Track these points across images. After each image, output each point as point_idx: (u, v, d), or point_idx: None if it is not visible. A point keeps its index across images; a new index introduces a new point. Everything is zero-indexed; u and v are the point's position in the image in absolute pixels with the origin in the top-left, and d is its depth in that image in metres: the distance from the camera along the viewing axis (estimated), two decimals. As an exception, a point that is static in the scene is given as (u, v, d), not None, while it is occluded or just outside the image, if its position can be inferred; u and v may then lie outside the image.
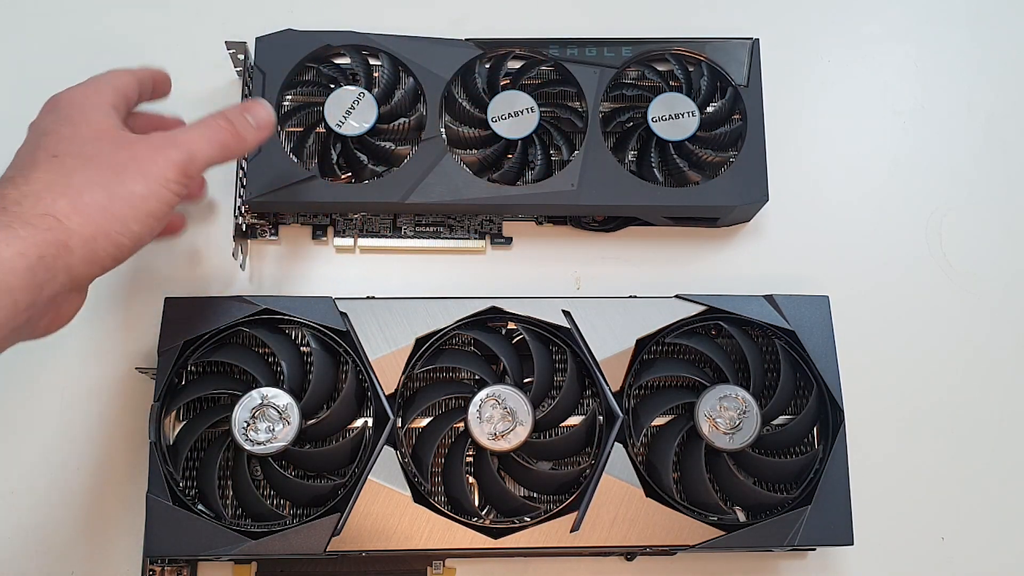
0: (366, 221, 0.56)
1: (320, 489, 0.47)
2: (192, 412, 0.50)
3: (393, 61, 0.54)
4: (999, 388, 0.56)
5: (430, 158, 0.53)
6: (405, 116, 0.54)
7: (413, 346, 0.48)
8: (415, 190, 0.52)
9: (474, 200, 0.53)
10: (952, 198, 0.59)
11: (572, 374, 0.49)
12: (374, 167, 0.53)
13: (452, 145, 0.54)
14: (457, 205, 0.53)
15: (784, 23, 0.62)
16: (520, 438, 0.47)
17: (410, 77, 0.55)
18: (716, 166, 0.54)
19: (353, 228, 0.56)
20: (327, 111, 0.52)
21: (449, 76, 0.54)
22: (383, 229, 0.56)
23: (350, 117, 0.52)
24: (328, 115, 0.52)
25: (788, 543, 0.47)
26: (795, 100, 0.60)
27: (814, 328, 0.50)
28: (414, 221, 0.56)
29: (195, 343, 0.48)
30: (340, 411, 0.48)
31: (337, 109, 0.52)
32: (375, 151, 0.53)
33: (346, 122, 0.52)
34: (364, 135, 0.52)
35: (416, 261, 0.56)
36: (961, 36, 0.63)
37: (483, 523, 0.47)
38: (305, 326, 0.49)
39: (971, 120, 0.61)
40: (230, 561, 0.50)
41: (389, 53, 0.54)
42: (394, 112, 0.54)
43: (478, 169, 0.54)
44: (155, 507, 0.46)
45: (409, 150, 0.53)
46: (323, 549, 0.45)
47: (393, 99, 0.54)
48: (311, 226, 0.56)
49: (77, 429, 0.52)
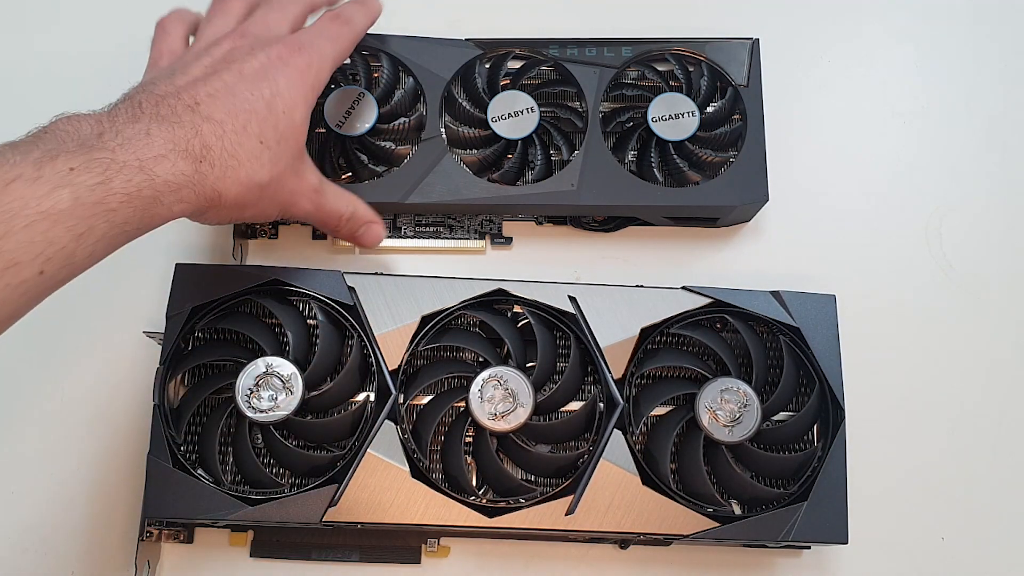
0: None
1: (319, 460, 0.48)
2: (197, 378, 0.50)
3: (393, 61, 0.55)
4: (999, 388, 0.56)
5: (430, 158, 0.53)
6: (405, 116, 0.54)
7: (419, 324, 0.49)
8: (415, 190, 0.53)
9: (474, 200, 0.53)
10: (952, 198, 0.59)
11: (575, 359, 0.49)
12: (374, 167, 0.54)
13: (452, 145, 0.54)
14: (457, 205, 0.53)
15: (784, 23, 0.62)
16: (520, 420, 0.47)
17: (410, 77, 0.55)
18: (716, 166, 0.55)
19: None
20: (327, 111, 0.53)
21: (449, 76, 0.54)
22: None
23: (350, 117, 0.53)
24: (328, 115, 0.53)
25: (782, 539, 0.47)
26: (795, 100, 0.60)
27: (819, 326, 0.50)
28: (414, 221, 0.56)
29: (203, 310, 0.49)
30: (343, 384, 0.48)
31: (337, 109, 0.53)
32: (375, 151, 0.54)
33: (346, 122, 0.53)
34: (364, 135, 0.53)
35: (416, 261, 0.57)
36: (961, 36, 0.63)
37: (479, 502, 0.47)
38: (313, 298, 0.49)
39: (971, 120, 0.61)
40: (227, 528, 0.51)
41: (389, 53, 0.54)
42: (394, 112, 0.54)
43: (478, 169, 0.54)
44: (155, 469, 0.46)
45: (409, 150, 0.54)
46: (319, 519, 0.46)
47: (393, 99, 0.54)
48: (311, 226, 0.57)
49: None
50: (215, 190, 0.39)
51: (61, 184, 0.33)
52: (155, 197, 0.36)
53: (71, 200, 0.33)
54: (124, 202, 0.34)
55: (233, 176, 0.39)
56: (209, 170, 0.38)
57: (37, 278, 0.32)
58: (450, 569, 0.51)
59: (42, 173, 0.32)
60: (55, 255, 0.33)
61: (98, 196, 0.33)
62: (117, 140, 0.35)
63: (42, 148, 0.34)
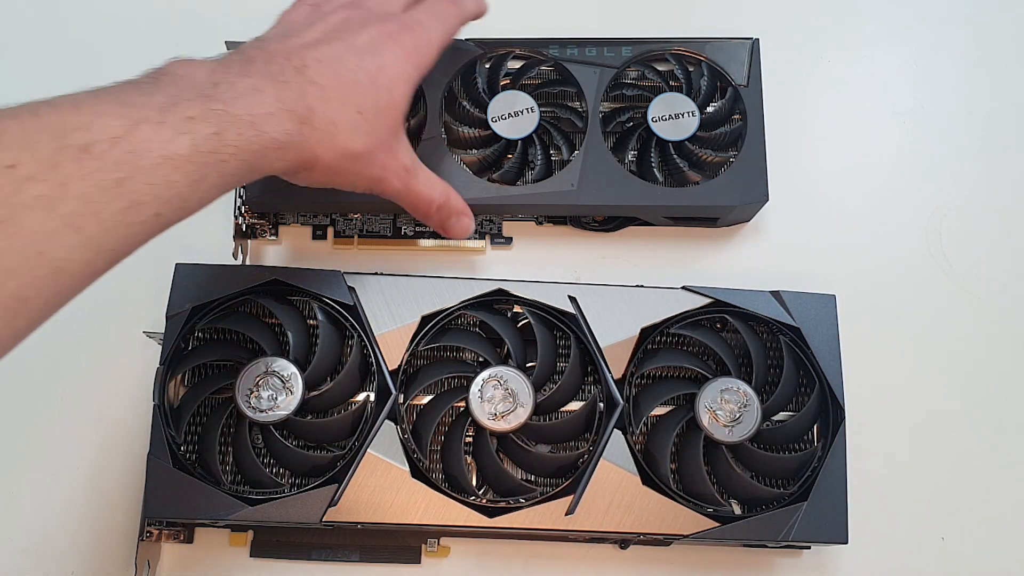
0: (366, 221, 0.56)
1: (319, 460, 0.48)
2: (197, 378, 0.50)
3: (393, 61, 0.55)
4: (999, 388, 0.56)
5: (430, 158, 0.53)
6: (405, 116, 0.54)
7: (419, 324, 0.49)
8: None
9: (474, 200, 0.52)
10: (952, 198, 0.59)
11: (575, 359, 0.49)
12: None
13: (452, 145, 0.54)
14: None
15: (784, 23, 0.62)
16: (520, 419, 0.47)
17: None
18: (716, 166, 0.55)
19: (353, 228, 0.56)
20: None
21: (449, 76, 0.54)
22: (383, 229, 0.57)
23: None
24: None
25: (782, 539, 0.47)
26: (795, 100, 0.60)
27: (819, 326, 0.50)
28: (414, 221, 0.56)
29: (203, 310, 0.49)
30: (343, 383, 0.48)
31: None
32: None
33: None
34: None
35: (416, 260, 0.57)
36: (961, 36, 0.63)
37: (479, 502, 0.47)
38: (313, 298, 0.49)
39: (971, 120, 0.61)
40: (227, 528, 0.51)
41: None
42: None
43: (478, 169, 0.54)
44: (155, 469, 0.46)
45: (410, 150, 0.54)
46: (319, 519, 0.46)
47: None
48: (311, 226, 0.57)
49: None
50: (313, 153, 0.40)
51: (182, 131, 0.34)
52: (261, 152, 0.37)
53: (190, 147, 0.34)
54: (234, 154, 0.36)
55: (330, 142, 0.40)
56: (310, 132, 0.39)
57: (153, 219, 0.33)
58: (450, 569, 0.51)
59: (165, 118, 0.33)
60: (171, 198, 0.34)
61: (213, 146, 0.35)
62: (231, 93, 0.36)
63: (164, 93, 0.34)
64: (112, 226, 0.32)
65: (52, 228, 0.30)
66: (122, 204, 0.32)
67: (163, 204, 0.33)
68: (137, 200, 0.32)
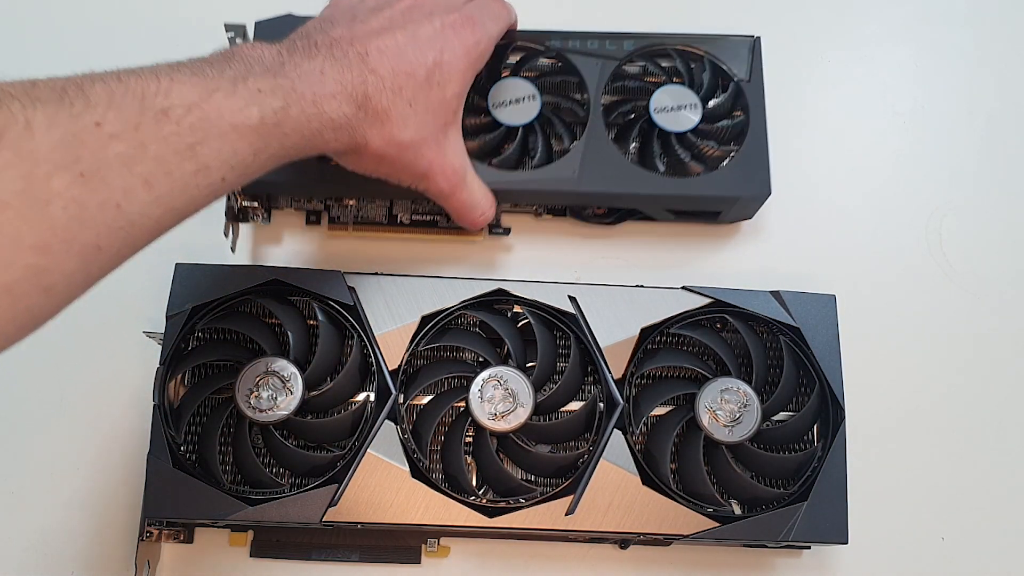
0: (361, 208, 0.56)
1: (319, 460, 0.48)
2: (197, 378, 0.50)
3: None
4: (1000, 388, 0.56)
5: None
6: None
7: (419, 324, 0.49)
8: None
9: None
10: (952, 198, 0.59)
11: (575, 359, 0.49)
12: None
13: None
14: None
15: (784, 23, 0.62)
16: (520, 420, 0.47)
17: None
18: (718, 160, 0.54)
19: (348, 215, 0.56)
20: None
21: None
22: (378, 216, 0.56)
23: None
24: None
25: (782, 539, 0.47)
26: (795, 100, 0.60)
27: (819, 326, 0.50)
28: (411, 209, 0.56)
29: (203, 310, 0.49)
30: (343, 384, 0.48)
31: None
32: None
33: None
34: None
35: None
36: (961, 36, 0.63)
37: (479, 502, 0.47)
38: (313, 298, 0.49)
39: (971, 120, 0.61)
40: (227, 528, 0.51)
41: None
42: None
43: (478, 156, 0.53)
44: (155, 469, 0.46)
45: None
46: (319, 519, 0.45)
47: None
48: (304, 211, 0.56)
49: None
50: (364, 137, 0.42)
51: (252, 102, 0.36)
52: (320, 131, 0.39)
53: (258, 119, 0.36)
54: (295, 129, 0.38)
55: (380, 129, 0.42)
56: (364, 117, 0.41)
57: (219, 184, 0.35)
58: (450, 569, 0.51)
59: (237, 90, 0.35)
60: (236, 165, 0.36)
61: (278, 119, 0.37)
62: (296, 72, 0.38)
63: (235, 68, 0.37)
64: (182, 187, 0.34)
65: (130, 184, 0.32)
66: (193, 167, 0.34)
67: (229, 170, 0.35)
68: (206, 164, 0.34)
